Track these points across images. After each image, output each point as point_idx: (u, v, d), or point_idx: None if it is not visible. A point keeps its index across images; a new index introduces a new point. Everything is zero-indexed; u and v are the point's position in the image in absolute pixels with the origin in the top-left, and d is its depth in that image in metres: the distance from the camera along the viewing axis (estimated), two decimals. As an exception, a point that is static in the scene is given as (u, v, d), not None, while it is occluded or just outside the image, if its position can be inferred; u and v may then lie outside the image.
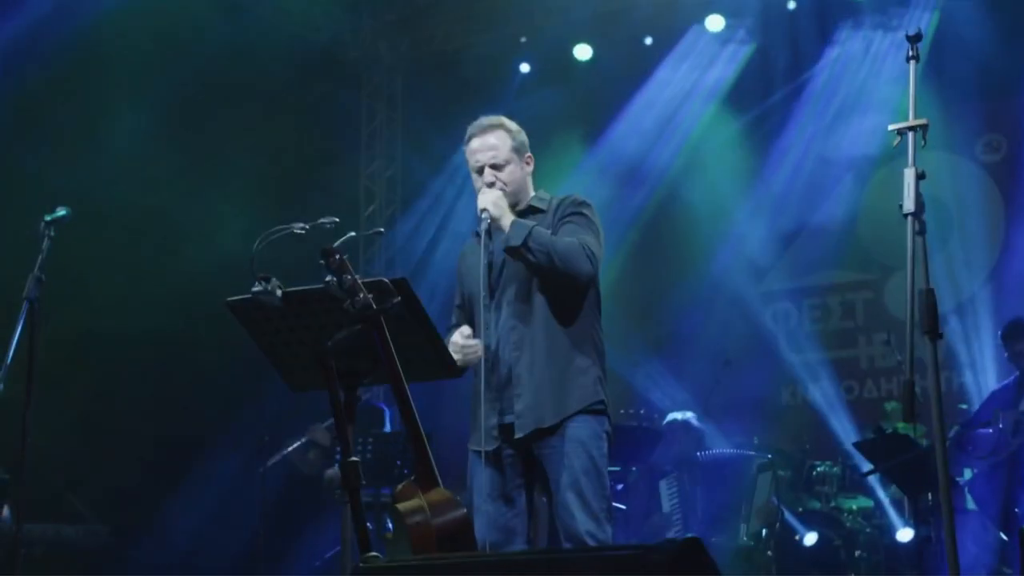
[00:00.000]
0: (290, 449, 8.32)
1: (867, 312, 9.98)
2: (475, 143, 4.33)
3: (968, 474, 7.45)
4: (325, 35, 10.56)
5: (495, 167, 4.25)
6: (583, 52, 10.62)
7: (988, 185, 9.56)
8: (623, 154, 10.28)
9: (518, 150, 4.32)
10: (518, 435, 4.05)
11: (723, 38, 10.12)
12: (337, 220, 3.82)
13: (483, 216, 4.11)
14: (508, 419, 4.09)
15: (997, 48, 9.00)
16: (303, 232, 3.56)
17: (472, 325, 4.20)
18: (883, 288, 9.93)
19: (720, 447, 8.39)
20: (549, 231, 4.12)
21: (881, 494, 7.54)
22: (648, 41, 10.41)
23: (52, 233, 4.74)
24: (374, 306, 2.96)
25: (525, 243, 4.00)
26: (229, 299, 3.39)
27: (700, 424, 8.24)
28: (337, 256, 3.01)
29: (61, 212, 4.80)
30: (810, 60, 9.93)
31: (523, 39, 10.81)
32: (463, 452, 4.25)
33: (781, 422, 9.44)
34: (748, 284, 10.28)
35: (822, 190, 10.00)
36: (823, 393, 9.74)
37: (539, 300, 4.12)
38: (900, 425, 7.71)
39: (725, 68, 10.15)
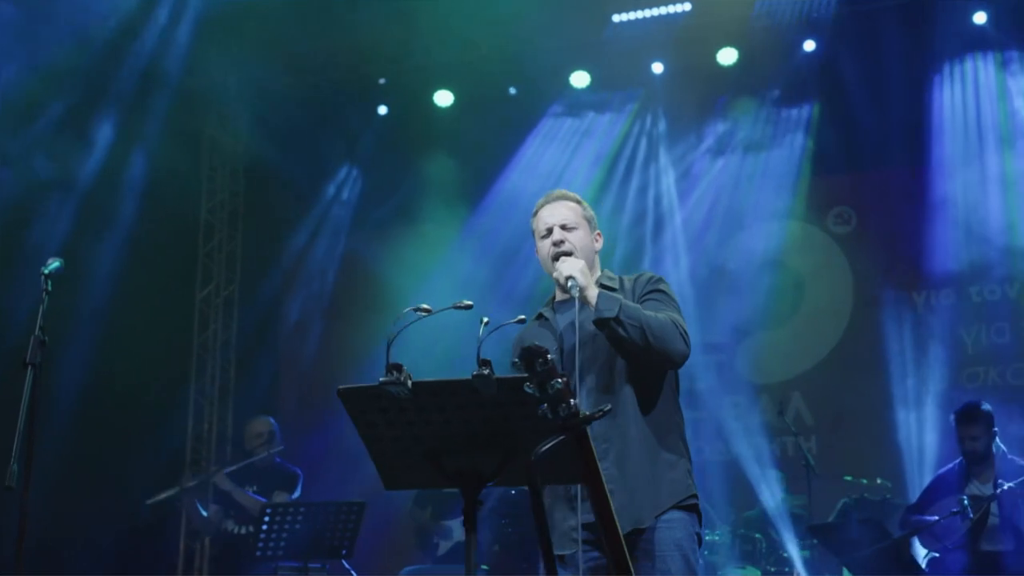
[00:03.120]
0: (182, 488, 7.52)
1: (720, 375, 10.13)
2: (544, 211, 4.11)
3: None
4: (175, 62, 9.88)
5: (564, 228, 4.03)
6: (444, 98, 10.41)
7: (838, 256, 9.90)
8: (501, 232, 10.17)
9: (589, 221, 4.11)
10: None
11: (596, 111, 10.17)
12: (471, 304, 3.55)
13: (569, 284, 3.76)
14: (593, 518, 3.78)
15: (855, 123, 9.41)
16: (426, 314, 3.33)
17: None
18: (735, 352, 10.11)
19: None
20: None
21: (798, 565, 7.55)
22: (512, 91, 10.31)
23: (50, 287, 4.21)
24: (583, 415, 2.70)
25: (618, 316, 3.69)
26: (341, 388, 3.09)
27: None
28: (547, 356, 2.71)
29: (55, 264, 4.27)
30: (692, 134, 10.08)
31: (382, 80, 10.51)
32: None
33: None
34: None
35: (680, 252, 10.16)
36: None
37: (625, 387, 3.81)
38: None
39: (604, 141, 10.20)
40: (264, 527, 6.70)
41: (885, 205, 9.71)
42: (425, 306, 3.36)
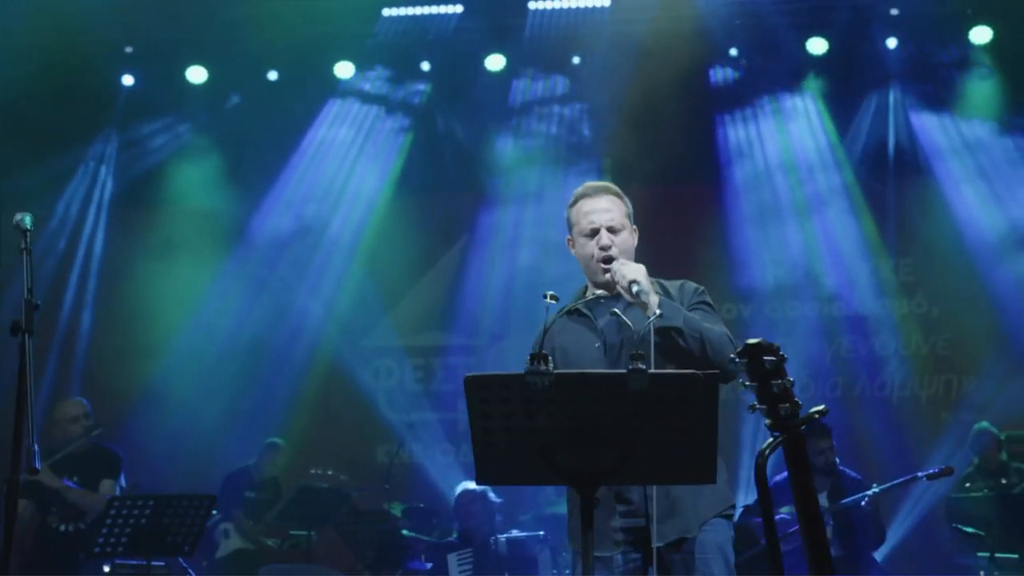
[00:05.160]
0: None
1: (472, 377, 10.19)
2: (586, 204, 4.02)
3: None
4: None
5: (612, 231, 3.95)
6: (197, 75, 9.80)
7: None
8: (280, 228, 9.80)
9: (629, 217, 4.04)
10: (658, 543, 3.67)
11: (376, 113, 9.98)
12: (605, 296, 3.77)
13: (635, 289, 3.68)
14: (638, 522, 3.72)
15: (623, 139, 9.72)
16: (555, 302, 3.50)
17: None
18: (486, 355, 10.22)
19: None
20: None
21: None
22: (272, 76, 9.86)
23: (30, 245, 3.76)
24: (799, 417, 2.66)
25: (681, 326, 3.69)
26: (469, 375, 3.12)
27: (496, 498, 7.89)
28: (779, 354, 2.65)
29: (29, 217, 3.81)
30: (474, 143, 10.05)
31: (128, 49, 9.74)
32: None
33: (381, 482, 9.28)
34: (350, 340, 10.13)
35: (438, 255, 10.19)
36: (425, 454, 9.85)
37: None
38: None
39: (390, 148, 10.05)
40: (108, 520, 6.30)
41: (646, 222, 10.04)
42: (552, 292, 3.57)
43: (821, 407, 2.70)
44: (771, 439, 2.69)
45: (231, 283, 9.76)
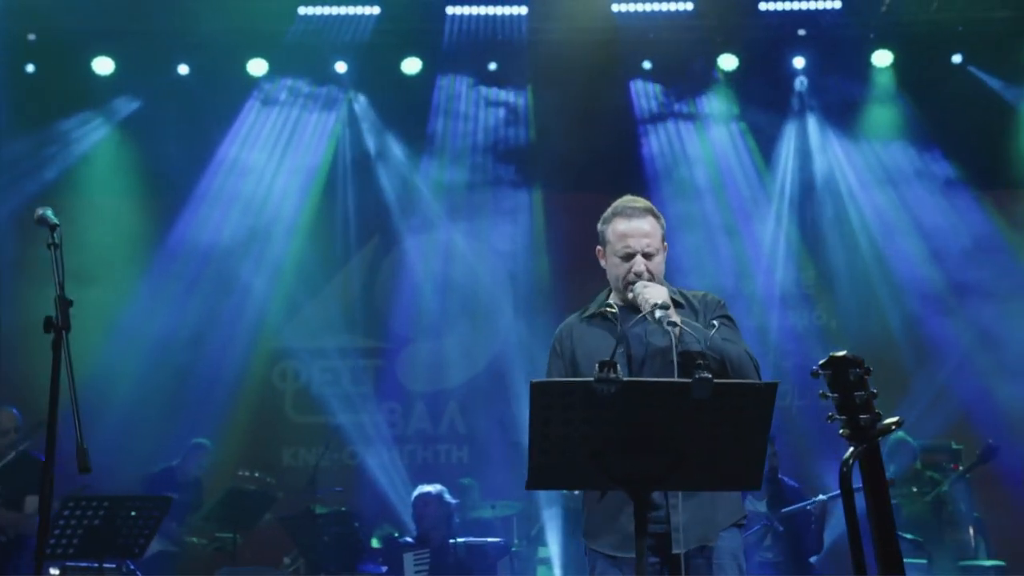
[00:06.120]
0: None
1: (378, 380, 10.16)
2: (623, 226, 3.97)
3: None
4: None
5: (647, 256, 3.93)
6: (103, 66, 9.50)
7: (501, 274, 10.19)
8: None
9: (664, 239, 4.03)
10: (678, 550, 3.71)
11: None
12: (669, 305, 3.74)
13: (658, 315, 3.68)
14: (659, 528, 3.73)
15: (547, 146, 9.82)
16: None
17: None
18: (396, 358, 10.17)
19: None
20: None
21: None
22: (183, 70, 9.62)
23: (59, 240, 3.66)
24: (877, 427, 2.72)
25: (703, 352, 3.67)
26: (536, 381, 3.11)
27: (452, 499, 7.82)
28: (866, 368, 2.71)
29: (52, 211, 3.74)
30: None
31: (31, 36, 9.39)
32: None
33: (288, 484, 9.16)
34: (257, 341, 9.97)
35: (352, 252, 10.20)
36: (335, 457, 9.75)
37: None
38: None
39: (313, 150, 9.96)
40: (61, 521, 6.15)
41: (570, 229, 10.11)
42: (610, 303, 3.87)
43: (896, 418, 2.77)
44: (852, 449, 2.74)
45: (159, 284, 9.54)
